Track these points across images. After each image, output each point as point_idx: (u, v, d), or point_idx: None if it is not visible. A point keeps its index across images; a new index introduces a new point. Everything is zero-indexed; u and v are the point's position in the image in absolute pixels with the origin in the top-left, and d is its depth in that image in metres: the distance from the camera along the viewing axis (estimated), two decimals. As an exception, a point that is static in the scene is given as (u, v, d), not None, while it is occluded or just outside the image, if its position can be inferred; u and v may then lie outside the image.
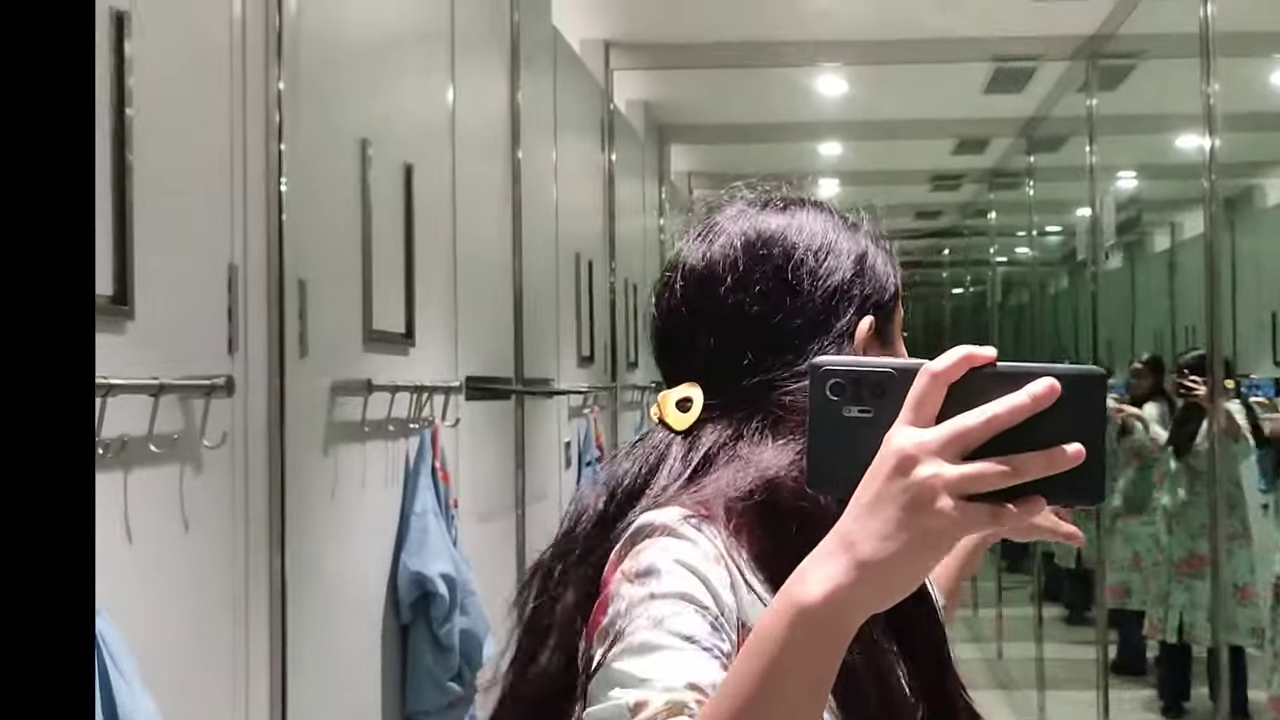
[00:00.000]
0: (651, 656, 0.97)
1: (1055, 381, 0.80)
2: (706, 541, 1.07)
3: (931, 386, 0.82)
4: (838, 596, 0.81)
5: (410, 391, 2.50)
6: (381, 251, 2.41)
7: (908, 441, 0.80)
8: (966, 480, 0.79)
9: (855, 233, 1.20)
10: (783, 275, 1.16)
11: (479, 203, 3.15)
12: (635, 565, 1.04)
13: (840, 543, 0.82)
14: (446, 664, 2.48)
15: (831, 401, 0.86)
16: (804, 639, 0.82)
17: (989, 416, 0.80)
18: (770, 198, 1.21)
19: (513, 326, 3.41)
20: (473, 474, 2.99)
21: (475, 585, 2.58)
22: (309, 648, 2.08)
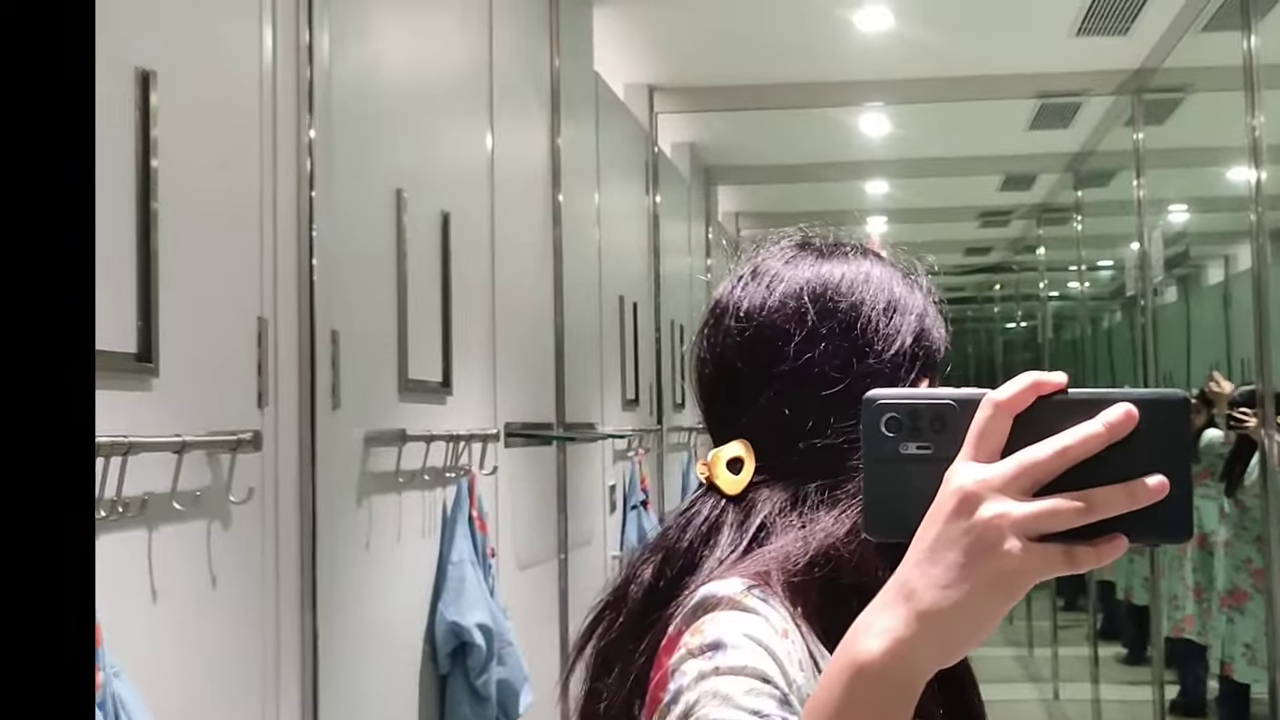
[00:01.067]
0: None
1: (1132, 407, 0.73)
2: (773, 613, 1.03)
3: (996, 417, 0.75)
4: (899, 651, 0.75)
5: (446, 440, 2.49)
6: (417, 300, 2.41)
7: (970, 478, 0.74)
8: (1037, 519, 0.73)
9: (914, 288, 1.15)
10: (852, 332, 1.10)
11: (519, 248, 3.15)
12: (700, 639, 1.00)
13: (899, 592, 0.76)
14: (484, 714, 2.46)
15: (888, 438, 0.79)
16: (866, 698, 0.77)
17: (1061, 448, 0.73)
18: (826, 243, 1.16)
19: (554, 371, 3.40)
20: (512, 521, 2.97)
21: (513, 635, 2.56)
22: (343, 701, 2.07)
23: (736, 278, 1.17)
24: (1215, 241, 8.60)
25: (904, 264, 1.17)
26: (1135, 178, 4.99)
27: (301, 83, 2.01)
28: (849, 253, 1.14)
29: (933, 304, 1.16)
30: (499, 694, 2.48)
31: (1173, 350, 9.64)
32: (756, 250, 1.18)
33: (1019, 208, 7.85)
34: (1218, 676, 6.06)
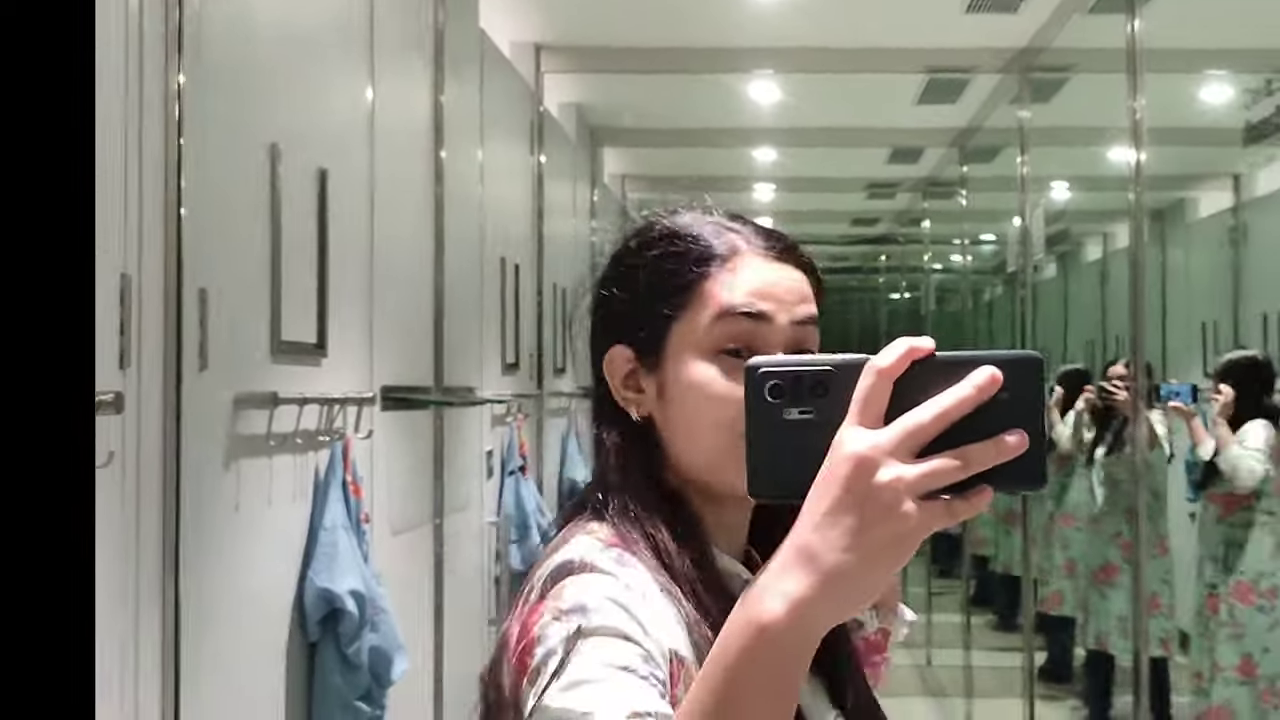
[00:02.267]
0: (589, 689, 0.96)
1: (997, 370, 0.79)
2: (632, 574, 1.07)
3: (879, 384, 0.80)
4: (800, 612, 0.79)
5: (320, 404, 2.43)
6: (292, 259, 2.33)
7: (863, 444, 0.78)
8: (925, 479, 0.77)
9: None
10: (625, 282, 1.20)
11: (399, 207, 3.08)
12: (562, 604, 1.03)
13: (800, 555, 0.79)
14: (355, 683, 2.40)
15: (771, 404, 0.82)
16: (768, 658, 0.80)
17: (940, 411, 0.78)
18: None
19: (432, 334, 3.33)
20: (387, 486, 2.91)
21: (386, 602, 2.51)
22: (206, 670, 2.00)
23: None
24: (1094, 220, 8.81)
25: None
26: (1019, 155, 5.06)
27: (170, 25, 1.91)
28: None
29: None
30: (371, 662, 2.43)
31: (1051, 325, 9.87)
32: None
33: (905, 181, 7.94)
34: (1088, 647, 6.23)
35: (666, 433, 1.17)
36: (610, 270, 1.22)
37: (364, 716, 2.42)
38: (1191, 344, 7.42)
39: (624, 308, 1.19)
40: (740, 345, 1.13)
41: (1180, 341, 7.62)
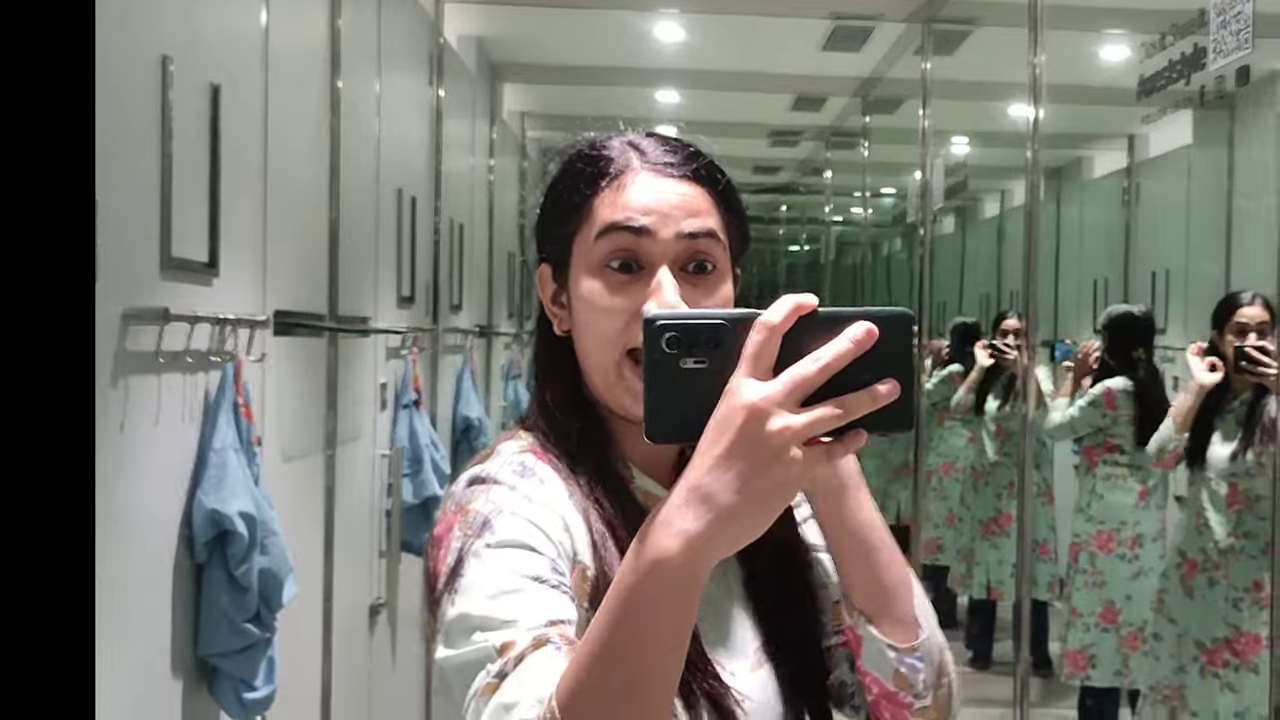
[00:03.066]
0: (506, 599, 1.02)
1: (873, 325, 0.87)
2: (532, 484, 1.14)
3: (769, 338, 0.87)
4: (694, 548, 0.86)
5: (212, 324, 2.39)
6: (184, 174, 2.28)
7: (755, 395, 0.85)
8: (810, 427, 0.85)
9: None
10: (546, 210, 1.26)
11: (293, 132, 3.03)
12: (469, 518, 1.10)
13: (694, 496, 0.86)
14: (243, 605, 2.38)
15: (668, 354, 0.89)
16: (664, 591, 0.87)
17: (824, 364, 0.86)
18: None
19: (327, 261, 3.30)
20: (278, 411, 2.88)
21: (277, 525, 2.49)
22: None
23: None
24: (993, 176, 8.95)
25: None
26: (922, 107, 5.11)
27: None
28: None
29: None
30: (261, 584, 2.41)
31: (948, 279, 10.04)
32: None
33: (808, 129, 7.97)
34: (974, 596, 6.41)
35: (578, 348, 1.21)
36: (542, 193, 1.26)
37: (253, 638, 2.40)
38: (1083, 301, 7.60)
39: (543, 227, 1.25)
40: (624, 259, 1.16)
41: (1072, 298, 7.80)
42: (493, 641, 1.00)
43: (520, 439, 1.21)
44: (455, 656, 1.02)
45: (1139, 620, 4.88)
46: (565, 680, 0.90)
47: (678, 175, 1.19)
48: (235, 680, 2.42)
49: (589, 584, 1.11)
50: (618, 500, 1.18)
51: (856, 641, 1.21)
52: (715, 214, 1.19)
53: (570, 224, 1.20)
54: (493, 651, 0.99)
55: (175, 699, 2.35)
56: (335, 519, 3.38)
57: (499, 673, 0.97)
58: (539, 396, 1.24)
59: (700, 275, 1.17)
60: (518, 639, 0.99)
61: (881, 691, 1.21)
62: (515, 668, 0.97)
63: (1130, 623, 4.88)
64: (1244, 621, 3.80)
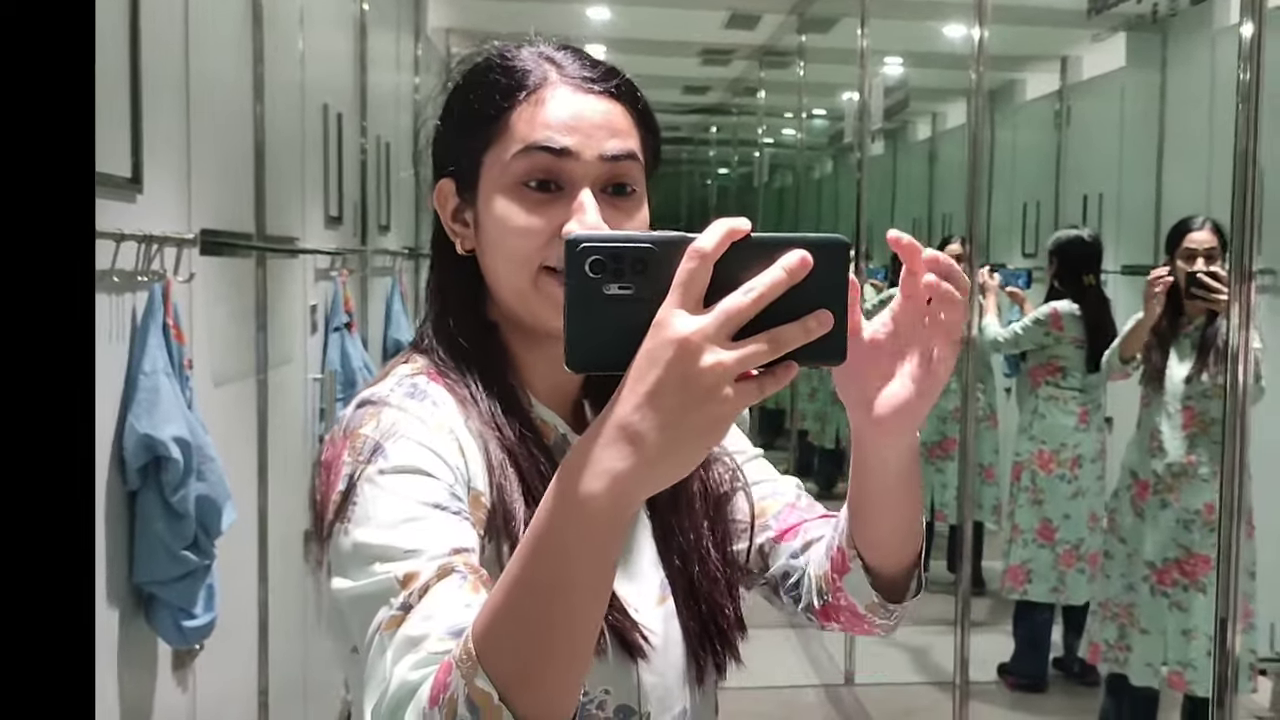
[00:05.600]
0: (406, 528, 0.98)
1: (807, 254, 0.81)
2: (425, 407, 1.08)
3: (701, 266, 0.81)
4: (619, 489, 0.81)
5: (138, 241, 2.29)
6: (103, 84, 2.17)
7: (685, 329, 0.80)
8: (742, 362, 0.80)
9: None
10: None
11: (215, 45, 2.91)
12: (358, 442, 1.05)
13: (620, 434, 0.81)
14: (180, 532, 2.31)
15: (591, 279, 0.83)
16: (588, 533, 0.82)
17: (756, 296, 0.80)
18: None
19: (254, 179, 3.19)
20: (208, 334, 2.79)
21: (213, 450, 2.41)
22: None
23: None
24: (925, 99, 8.93)
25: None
26: (860, 25, 5.04)
27: None
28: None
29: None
30: (199, 511, 2.34)
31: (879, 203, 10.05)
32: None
33: (741, 48, 7.88)
34: None
35: (485, 267, 1.15)
36: (442, 104, 1.19)
37: (191, 565, 2.33)
38: (1013, 224, 7.63)
39: (446, 141, 1.18)
40: (544, 178, 1.11)
41: (1004, 222, 7.83)
42: (395, 572, 0.96)
43: (414, 362, 1.16)
44: (353, 589, 0.98)
45: (1074, 538, 4.97)
46: (482, 620, 0.86)
47: (598, 91, 1.13)
48: (174, 609, 2.36)
49: (484, 512, 1.07)
50: (518, 427, 1.13)
51: (843, 563, 1.17)
52: (635, 134, 1.15)
53: (481, 138, 1.13)
54: (395, 583, 0.95)
55: (111, 627, 2.29)
56: (269, 444, 3.31)
57: (403, 605, 0.94)
58: (437, 318, 1.18)
59: (620, 197, 1.13)
60: (421, 569, 0.95)
61: (848, 606, 1.19)
62: (420, 599, 0.93)
63: (1066, 540, 4.98)
64: (1194, 544, 3.86)
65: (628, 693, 1.14)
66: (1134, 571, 4.02)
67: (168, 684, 2.58)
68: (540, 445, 1.14)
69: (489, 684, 0.83)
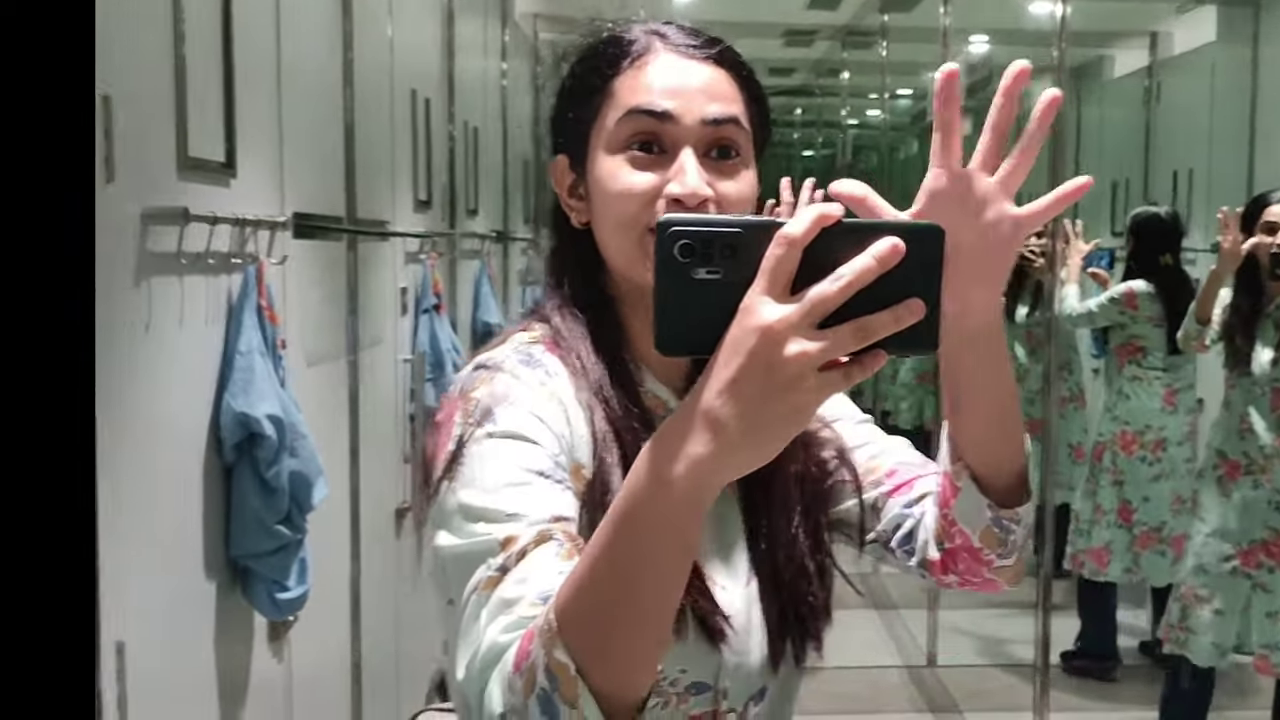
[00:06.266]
0: (510, 492, 1.01)
1: (899, 242, 0.80)
2: (537, 375, 1.12)
3: (789, 253, 0.80)
4: (700, 472, 0.82)
5: (232, 224, 2.37)
6: (197, 73, 2.24)
7: (771, 317, 0.79)
8: (827, 352, 0.79)
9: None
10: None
11: (306, 32, 2.98)
12: (470, 405, 1.09)
13: (702, 420, 0.81)
14: (274, 507, 2.39)
15: (681, 263, 0.82)
16: (667, 515, 0.84)
17: (844, 284, 0.79)
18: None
19: (344, 164, 3.26)
20: (300, 315, 2.87)
21: (305, 428, 2.49)
22: (124, 494, 1.98)
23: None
24: (1011, 76, 8.79)
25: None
26: (942, 4, 5.00)
27: None
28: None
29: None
30: (292, 486, 2.41)
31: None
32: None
33: (824, 28, 7.83)
34: None
35: (599, 239, 1.18)
36: (555, 86, 1.24)
37: (285, 539, 2.41)
38: (1101, 203, 7.52)
39: (559, 118, 1.22)
40: (646, 140, 1.14)
41: (1091, 199, 7.71)
42: (495, 534, 0.99)
43: (532, 330, 1.20)
44: (455, 546, 1.02)
45: (1155, 521, 4.90)
46: (564, 593, 0.88)
47: (700, 57, 1.17)
48: (268, 581, 2.44)
49: (583, 483, 1.10)
50: (625, 402, 1.15)
51: (951, 492, 1.17)
52: (739, 100, 1.18)
53: (589, 108, 1.18)
54: (495, 545, 0.98)
55: (209, 601, 2.37)
56: (360, 423, 3.38)
57: (501, 567, 0.97)
58: (554, 290, 1.22)
59: (724, 161, 1.15)
60: (520, 534, 0.98)
61: (964, 544, 1.18)
62: (518, 563, 0.96)
63: (1144, 522, 4.92)
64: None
65: (706, 672, 1.15)
66: (1209, 552, 3.97)
67: (264, 654, 2.66)
68: (645, 421, 1.16)
69: (567, 656, 0.85)
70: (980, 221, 1.02)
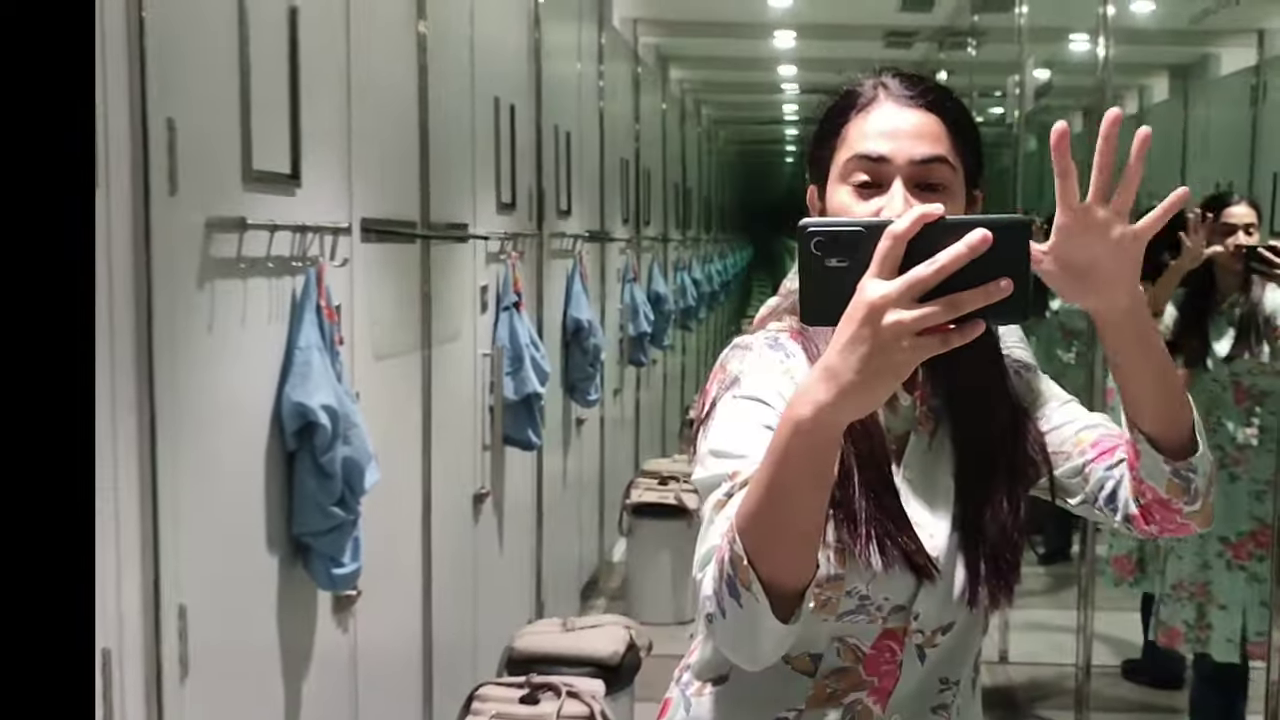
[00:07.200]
0: (742, 439, 1.34)
1: (987, 231, 1.02)
2: (778, 355, 1.46)
3: (895, 245, 1.04)
4: (822, 416, 1.08)
5: (292, 231, 2.58)
6: (262, 94, 2.45)
7: (875, 294, 1.03)
8: (919, 321, 1.03)
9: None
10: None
11: (378, 41, 3.16)
12: (726, 374, 1.44)
13: (825, 374, 1.07)
14: (329, 490, 2.60)
15: (815, 256, 1.08)
16: (802, 447, 1.10)
17: (938, 267, 1.02)
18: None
19: (418, 170, 3.47)
20: (368, 313, 3.07)
21: (359, 418, 2.69)
22: (186, 472, 2.20)
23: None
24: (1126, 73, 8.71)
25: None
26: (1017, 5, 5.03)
27: None
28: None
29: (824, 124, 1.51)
30: (345, 471, 2.62)
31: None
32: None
33: (921, 29, 7.87)
34: None
35: None
36: (811, 132, 1.54)
37: (339, 520, 2.62)
38: (1207, 204, 7.40)
39: (811, 156, 1.52)
40: (868, 177, 1.42)
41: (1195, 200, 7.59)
42: (727, 469, 1.31)
43: (782, 320, 1.53)
44: (703, 476, 1.35)
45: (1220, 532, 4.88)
46: (743, 505, 1.18)
47: (916, 105, 1.44)
48: (325, 557, 2.65)
49: None
50: None
51: (1135, 455, 1.40)
52: (945, 140, 1.43)
53: (827, 149, 1.47)
54: (726, 476, 1.30)
55: (273, 573, 2.59)
56: (433, 413, 3.59)
57: (728, 492, 1.29)
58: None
59: (930, 193, 1.40)
60: (744, 469, 1.28)
61: (1154, 498, 1.41)
62: (740, 490, 1.25)
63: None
64: (1268, 514, 3.84)
65: (904, 597, 1.44)
66: (1208, 549, 4.00)
67: (328, 625, 2.89)
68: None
69: (742, 550, 1.16)
70: (1107, 241, 1.27)
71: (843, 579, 1.39)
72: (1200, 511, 1.41)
